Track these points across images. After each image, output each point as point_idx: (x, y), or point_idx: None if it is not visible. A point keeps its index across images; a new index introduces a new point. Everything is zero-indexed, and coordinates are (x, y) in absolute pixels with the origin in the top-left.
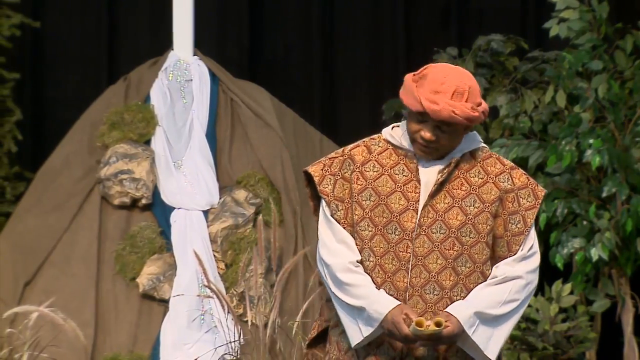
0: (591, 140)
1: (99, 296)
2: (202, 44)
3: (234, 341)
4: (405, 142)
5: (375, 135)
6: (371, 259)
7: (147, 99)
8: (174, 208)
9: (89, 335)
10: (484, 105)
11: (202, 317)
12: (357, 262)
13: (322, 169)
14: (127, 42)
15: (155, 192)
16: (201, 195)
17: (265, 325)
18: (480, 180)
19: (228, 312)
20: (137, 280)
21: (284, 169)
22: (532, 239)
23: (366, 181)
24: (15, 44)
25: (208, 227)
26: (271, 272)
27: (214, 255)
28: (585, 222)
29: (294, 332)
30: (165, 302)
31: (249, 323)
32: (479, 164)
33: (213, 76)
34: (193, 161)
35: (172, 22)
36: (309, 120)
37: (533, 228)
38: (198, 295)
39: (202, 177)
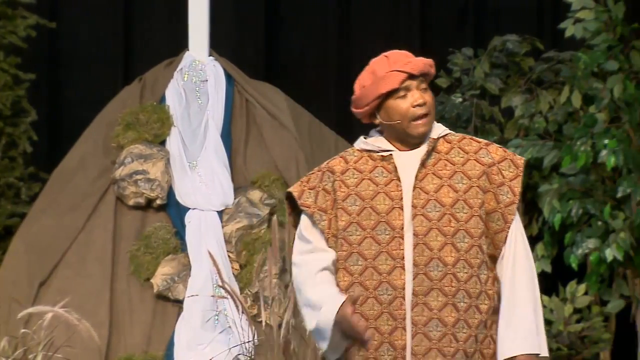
0: (606, 141)
1: (114, 296)
2: (218, 45)
3: (248, 342)
4: (382, 144)
5: (348, 149)
6: (360, 262)
7: (163, 99)
8: (189, 208)
9: (103, 335)
10: None
11: (217, 317)
12: (324, 268)
13: (300, 186)
14: (142, 42)
15: (170, 193)
16: (216, 196)
17: (280, 325)
18: (461, 159)
19: (242, 313)
20: (152, 280)
21: (299, 169)
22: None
23: (348, 188)
24: (30, 44)
25: (222, 227)
26: (285, 273)
27: (229, 256)
28: (600, 223)
29: (308, 332)
30: (179, 303)
31: (263, 323)
32: (455, 146)
33: (228, 77)
34: (208, 162)
35: (188, 23)
36: (324, 121)
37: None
38: (212, 296)
39: (217, 177)
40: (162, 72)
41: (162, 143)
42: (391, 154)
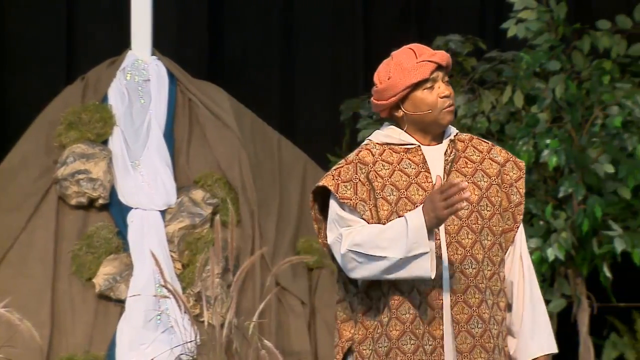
0: (548, 141)
1: (55, 296)
2: (161, 44)
3: (191, 341)
4: (404, 137)
5: (365, 142)
6: None
7: (105, 98)
8: (131, 208)
9: (44, 335)
10: None
11: (159, 317)
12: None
13: (333, 179)
14: (85, 41)
15: (113, 192)
16: (158, 195)
17: (222, 325)
18: (478, 157)
19: (184, 312)
20: (94, 280)
21: (242, 169)
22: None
23: (383, 179)
24: None
25: (165, 227)
26: (228, 273)
27: (171, 256)
28: (541, 222)
29: (250, 332)
30: (121, 302)
31: (206, 323)
32: (469, 145)
33: (171, 76)
34: (150, 161)
35: (131, 22)
36: (267, 120)
37: None
38: (155, 296)
39: (159, 177)
40: (105, 71)
41: (105, 142)
42: (418, 147)
